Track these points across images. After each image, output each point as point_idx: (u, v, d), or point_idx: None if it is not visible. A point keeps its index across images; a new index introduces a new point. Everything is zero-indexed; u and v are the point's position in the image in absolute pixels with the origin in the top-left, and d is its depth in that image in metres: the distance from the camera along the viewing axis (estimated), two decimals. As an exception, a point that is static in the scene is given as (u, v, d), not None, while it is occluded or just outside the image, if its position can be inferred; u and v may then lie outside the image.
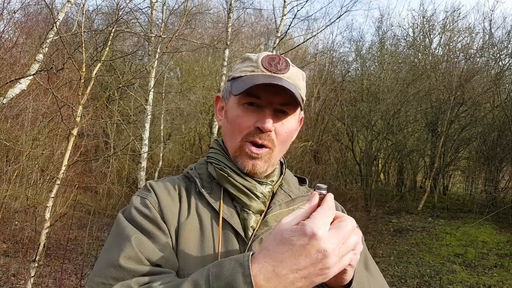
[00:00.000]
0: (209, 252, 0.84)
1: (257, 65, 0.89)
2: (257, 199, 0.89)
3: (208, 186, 0.92)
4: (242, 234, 0.86)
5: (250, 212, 0.88)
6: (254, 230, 0.87)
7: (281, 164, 1.00)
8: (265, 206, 0.90)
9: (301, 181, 1.04)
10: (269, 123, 0.86)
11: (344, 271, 0.69)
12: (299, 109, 0.91)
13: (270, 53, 0.92)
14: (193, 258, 0.83)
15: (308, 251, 0.61)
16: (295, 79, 0.90)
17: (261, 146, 0.88)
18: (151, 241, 0.79)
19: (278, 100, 0.87)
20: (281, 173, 0.99)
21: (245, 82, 0.86)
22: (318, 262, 0.61)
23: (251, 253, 0.66)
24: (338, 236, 0.62)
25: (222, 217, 0.87)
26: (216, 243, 0.84)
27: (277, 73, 0.88)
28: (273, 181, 0.94)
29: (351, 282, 0.74)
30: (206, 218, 0.87)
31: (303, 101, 0.92)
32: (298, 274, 0.62)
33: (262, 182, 0.92)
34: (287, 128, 0.90)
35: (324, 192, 0.69)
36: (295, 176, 1.05)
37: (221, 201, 0.89)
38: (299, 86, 0.91)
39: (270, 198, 0.93)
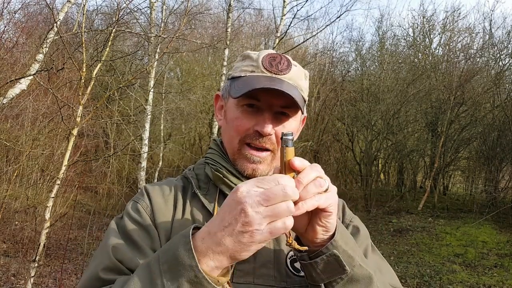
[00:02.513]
0: None
1: (257, 65, 0.86)
2: None
3: (204, 187, 0.91)
4: None
5: None
6: None
7: None
8: None
9: None
10: (268, 128, 0.83)
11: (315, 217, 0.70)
12: (300, 110, 0.88)
13: (272, 52, 0.88)
14: None
15: (230, 205, 0.63)
16: (297, 79, 0.87)
17: (262, 149, 0.85)
18: (134, 248, 0.80)
19: (279, 103, 0.83)
20: None
21: (244, 84, 0.83)
22: (238, 215, 0.61)
23: (196, 224, 0.69)
24: (260, 190, 0.62)
25: None
26: None
27: (278, 74, 0.84)
28: None
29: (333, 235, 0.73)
30: (199, 221, 0.86)
31: (305, 101, 0.89)
32: (224, 231, 0.63)
33: None
34: (287, 130, 0.85)
35: (288, 143, 0.69)
36: None
37: (216, 203, 0.87)
38: (301, 86, 0.87)
39: None
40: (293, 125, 0.88)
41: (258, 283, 0.81)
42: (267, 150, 0.86)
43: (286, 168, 0.69)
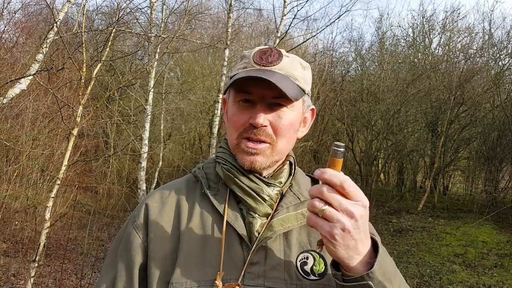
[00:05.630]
0: (212, 257, 0.82)
1: (249, 61, 0.86)
2: (263, 202, 0.86)
3: (214, 186, 0.90)
4: (246, 239, 0.83)
5: (256, 215, 0.85)
6: (259, 234, 0.84)
7: (290, 164, 0.95)
8: (272, 209, 0.87)
9: (315, 181, 0.96)
10: (259, 118, 0.82)
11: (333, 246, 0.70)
12: (301, 99, 0.87)
13: (264, 47, 0.88)
14: (195, 265, 0.82)
15: None
16: (289, 69, 0.85)
17: (258, 141, 0.85)
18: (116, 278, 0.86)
19: (270, 94, 0.83)
20: (290, 174, 0.94)
21: (233, 80, 0.83)
22: None
23: None
24: None
25: (226, 221, 0.84)
26: (219, 249, 0.82)
27: (267, 66, 0.84)
28: (281, 183, 0.90)
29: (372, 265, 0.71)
30: (209, 222, 0.86)
31: (304, 91, 0.88)
32: None
33: (270, 183, 0.88)
34: (285, 121, 0.85)
35: (336, 154, 0.75)
36: (308, 175, 1.00)
37: (226, 204, 0.87)
38: (295, 76, 0.86)
39: (278, 200, 0.89)
40: (292, 114, 0.87)
41: (268, 286, 0.81)
42: (264, 142, 0.85)
43: None
